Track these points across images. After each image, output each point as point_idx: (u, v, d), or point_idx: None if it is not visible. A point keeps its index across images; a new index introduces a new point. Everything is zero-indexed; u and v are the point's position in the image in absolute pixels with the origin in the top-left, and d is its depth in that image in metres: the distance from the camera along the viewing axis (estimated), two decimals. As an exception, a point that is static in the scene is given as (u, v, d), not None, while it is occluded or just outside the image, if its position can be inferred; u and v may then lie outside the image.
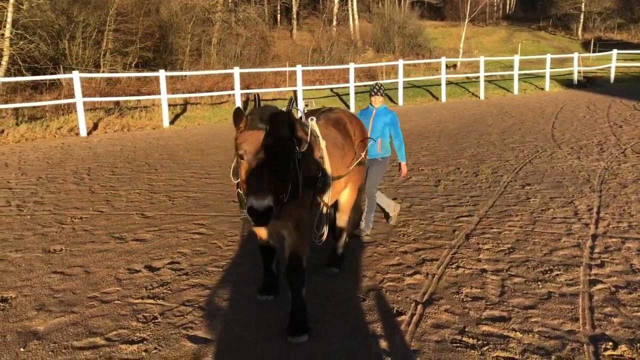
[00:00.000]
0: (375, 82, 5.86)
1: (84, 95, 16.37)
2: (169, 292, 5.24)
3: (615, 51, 28.52)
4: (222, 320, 4.67)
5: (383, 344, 4.25)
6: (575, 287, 5.11)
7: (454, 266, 5.69)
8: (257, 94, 4.20)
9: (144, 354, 4.13)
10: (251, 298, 5.06)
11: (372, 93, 6.67)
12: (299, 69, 19.70)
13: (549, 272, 5.48)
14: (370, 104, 6.78)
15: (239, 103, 18.36)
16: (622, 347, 4.07)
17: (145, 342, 4.30)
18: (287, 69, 21.91)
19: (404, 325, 4.52)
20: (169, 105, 18.38)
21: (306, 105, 19.59)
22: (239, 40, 28.66)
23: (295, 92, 20.06)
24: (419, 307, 4.82)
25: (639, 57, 33.53)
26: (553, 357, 3.97)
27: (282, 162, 3.68)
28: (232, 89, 18.79)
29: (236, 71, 18.42)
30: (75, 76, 15.59)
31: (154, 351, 4.16)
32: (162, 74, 17.24)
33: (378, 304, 4.92)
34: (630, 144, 12.18)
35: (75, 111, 16.09)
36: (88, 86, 19.25)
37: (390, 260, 5.91)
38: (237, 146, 3.67)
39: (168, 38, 25.44)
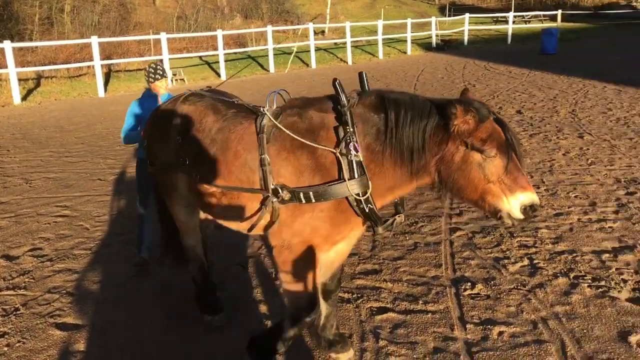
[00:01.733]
0: (153, 62, 5.02)
1: None
2: (32, 280, 4.88)
3: (467, 15, 30.54)
4: (93, 304, 4.45)
5: (263, 308, 4.31)
6: (438, 236, 5.53)
7: (328, 227, 5.88)
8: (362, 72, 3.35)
9: (5, 349, 3.83)
10: (124, 277, 4.87)
11: (155, 77, 4.95)
12: (163, 36, 18.84)
13: (414, 224, 5.86)
14: (149, 90, 5.09)
15: (99, 75, 17.21)
16: (479, 286, 4.50)
17: (6, 336, 3.99)
18: (151, 37, 20.87)
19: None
20: (20, 79, 16.75)
21: (174, 75, 18.87)
22: (95, 8, 26.69)
23: (161, 61, 19.20)
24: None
25: (488, 21, 36.22)
26: (420, 302, 4.29)
27: None
28: (91, 59, 17.53)
29: (94, 40, 17.19)
30: None
31: (17, 344, 3.87)
32: (7, 45, 15.62)
33: (257, 270, 4.97)
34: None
35: None
36: None
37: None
38: (491, 140, 2.86)
39: (12, 5, 23.02)
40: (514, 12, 34.15)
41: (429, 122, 2.93)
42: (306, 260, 3.15)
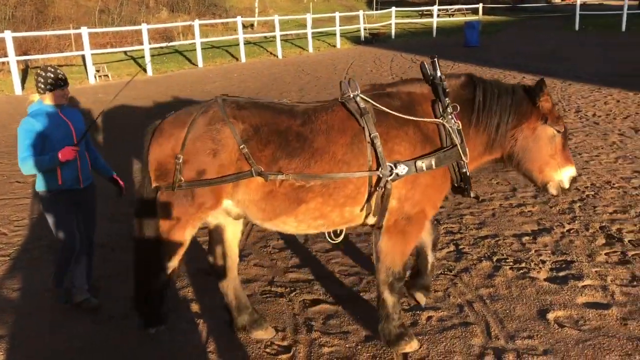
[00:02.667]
0: (47, 67, 4.12)
1: None
2: (-56, 292, 4.58)
3: (394, 9, 31.11)
4: (12, 313, 4.23)
5: (195, 307, 4.25)
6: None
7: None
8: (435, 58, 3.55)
9: None
10: (44, 285, 4.66)
11: (56, 84, 4.01)
12: (84, 31, 18.05)
13: (346, 216, 5.93)
14: (41, 102, 4.10)
15: (15, 71, 16.29)
16: (407, 273, 4.62)
17: None
18: (72, 31, 19.94)
19: (211, 284, 4.55)
20: None
21: (97, 71, 18.14)
22: (8, 1, 25.18)
23: (83, 56, 18.41)
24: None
25: (414, 14, 37.07)
26: (352, 292, 4.36)
27: None
28: (6, 55, 16.55)
29: (7, 35, 16.23)
30: None
31: None
32: None
33: (187, 269, 4.88)
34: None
35: None
36: None
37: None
38: (561, 119, 3.52)
39: None
40: (438, 5, 35.13)
41: (515, 98, 3.43)
42: (420, 228, 3.50)
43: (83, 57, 18.45)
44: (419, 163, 3.24)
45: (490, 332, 3.74)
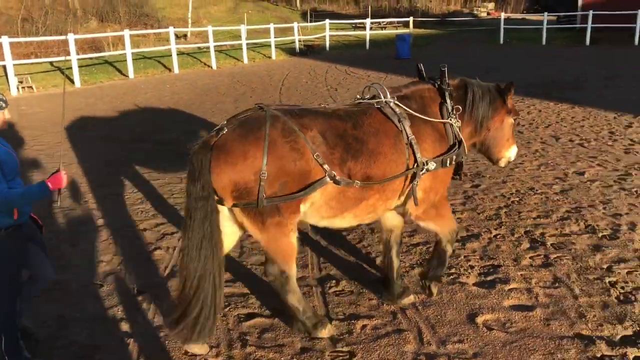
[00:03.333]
0: None
1: None
2: None
3: (327, 21, 31.54)
4: None
5: (125, 326, 4.11)
6: (302, 237, 5.63)
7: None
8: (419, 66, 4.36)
9: None
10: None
11: None
12: (5, 40, 17.19)
13: (281, 227, 5.91)
14: None
15: None
16: (343, 283, 4.67)
17: None
18: (-9, 40, 18.95)
19: (145, 303, 4.43)
20: None
21: (20, 82, 17.32)
22: None
23: (4, 67, 17.54)
24: (166, 282, 4.77)
25: (347, 27, 37.69)
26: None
27: None
28: None
29: None
30: None
31: None
32: None
33: (118, 287, 4.72)
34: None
35: None
36: None
37: (127, 245, 5.69)
38: (516, 112, 4.42)
39: None
40: (371, 18, 35.89)
41: (491, 96, 4.19)
42: (447, 205, 4.27)
43: (4, 67, 17.58)
44: (445, 159, 3.88)
45: (423, 338, 3.83)
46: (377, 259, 5.08)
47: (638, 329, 3.86)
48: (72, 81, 18.81)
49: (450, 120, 3.98)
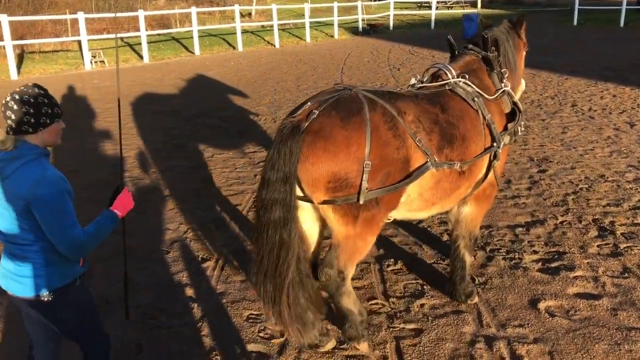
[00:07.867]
0: (36, 91, 2.42)
1: None
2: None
3: (392, 0, 31.00)
4: None
5: (189, 291, 4.27)
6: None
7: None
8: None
9: None
10: None
11: (54, 115, 2.48)
12: (81, 16, 17.92)
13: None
14: (26, 144, 2.44)
15: (11, 56, 16.17)
16: (401, 263, 4.66)
17: None
18: (68, 16, 19.79)
19: (209, 270, 4.59)
20: None
21: (93, 57, 18.03)
22: (4, -16, 24.92)
23: (79, 42, 18.30)
24: (225, 251, 4.92)
25: (412, 6, 36.94)
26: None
27: None
28: (1, 39, 16.44)
29: (4, 19, 16.10)
30: None
31: None
32: None
33: (183, 254, 4.90)
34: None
35: None
36: None
37: (192, 214, 5.88)
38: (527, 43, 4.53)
39: None
40: (437, -2, 35.01)
41: (512, 38, 4.17)
42: (496, 186, 3.93)
43: (79, 42, 18.34)
44: (516, 129, 3.79)
45: (482, 321, 3.78)
46: (438, 239, 5.03)
47: None
48: (140, 57, 19.41)
49: (506, 87, 3.88)
